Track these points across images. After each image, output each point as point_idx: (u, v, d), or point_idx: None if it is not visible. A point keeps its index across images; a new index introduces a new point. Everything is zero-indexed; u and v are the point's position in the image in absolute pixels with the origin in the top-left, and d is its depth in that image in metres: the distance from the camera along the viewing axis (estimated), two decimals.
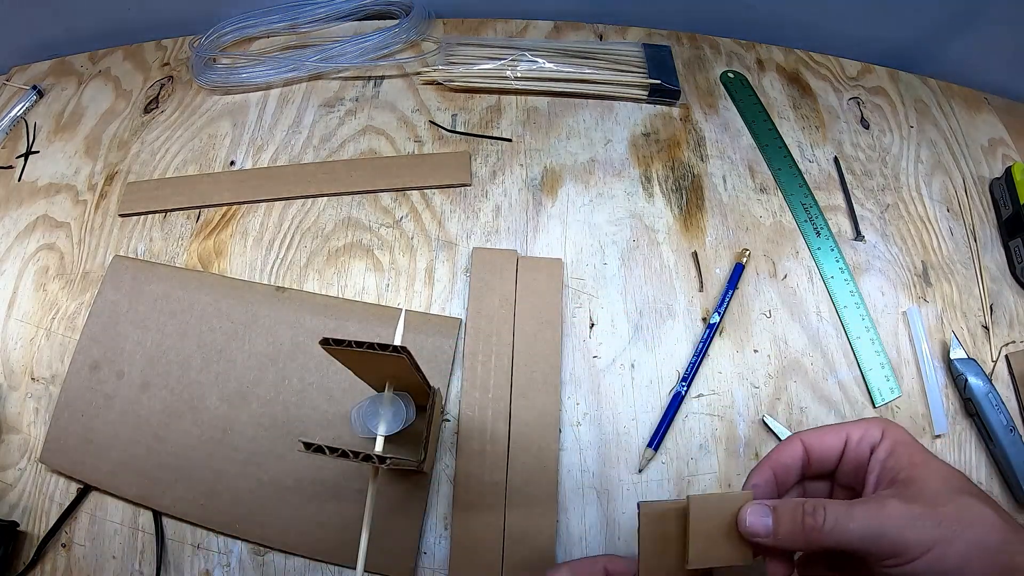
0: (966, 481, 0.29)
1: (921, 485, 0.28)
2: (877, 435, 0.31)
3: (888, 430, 0.31)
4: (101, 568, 0.41)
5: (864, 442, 0.31)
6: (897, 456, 0.30)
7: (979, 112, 0.63)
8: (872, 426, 0.31)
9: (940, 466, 0.29)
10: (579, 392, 0.46)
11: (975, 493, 0.28)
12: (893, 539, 0.26)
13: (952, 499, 0.27)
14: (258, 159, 0.58)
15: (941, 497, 0.27)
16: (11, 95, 0.63)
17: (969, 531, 0.26)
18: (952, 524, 0.26)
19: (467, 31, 0.67)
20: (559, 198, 0.55)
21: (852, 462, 0.31)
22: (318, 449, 0.29)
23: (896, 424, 0.31)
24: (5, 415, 0.46)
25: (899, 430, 0.31)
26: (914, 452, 0.29)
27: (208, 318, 0.48)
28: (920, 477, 0.28)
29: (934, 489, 0.27)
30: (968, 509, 0.27)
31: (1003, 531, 0.26)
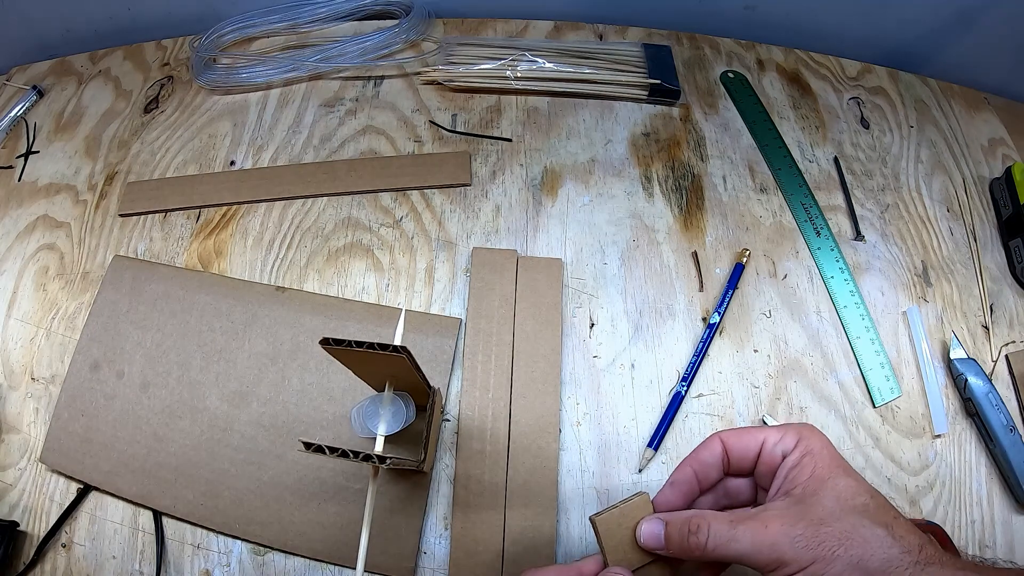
0: (868, 499, 0.29)
1: (813, 502, 0.28)
2: (791, 443, 0.31)
3: (804, 440, 0.31)
4: (101, 568, 0.41)
5: (778, 448, 0.31)
6: (802, 467, 0.30)
7: (979, 112, 0.63)
8: (789, 433, 0.31)
9: (843, 483, 0.29)
10: (579, 392, 0.46)
11: (871, 512, 0.28)
12: (772, 556, 0.27)
13: (841, 519, 0.28)
14: (258, 159, 0.58)
15: (830, 517, 0.28)
16: (11, 95, 0.63)
17: (852, 551, 0.27)
18: (832, 545, 0.27)
19: (467, 31, 0.67)
20: (559, 198, 0.55)
21: (766, 465, 0.32)
22: (318, 449, 0.29)
23: (816, 433, 0.31)
24: (5, 415, 0.46)
25: (816, 440, 0.31)
26: (821, 466, 0.30)
27: (208, 318, 0.48)
28: (816, 493, 0.29)
29: (826, 508, 0.28)
30: (855, 530, 0.27)
31: (889, 550, 0.27)
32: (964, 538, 0.42)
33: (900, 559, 0.27)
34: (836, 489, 0.29)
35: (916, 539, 0.28)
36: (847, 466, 0.31)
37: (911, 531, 0.28)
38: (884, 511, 0.29)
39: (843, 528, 0.27)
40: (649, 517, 0.31)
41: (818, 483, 0.29)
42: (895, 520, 0.28)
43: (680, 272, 0.51)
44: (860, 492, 0.29)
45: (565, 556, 0.41)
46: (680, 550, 0.30)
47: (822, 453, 0.30)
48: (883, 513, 0.28)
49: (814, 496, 0.29)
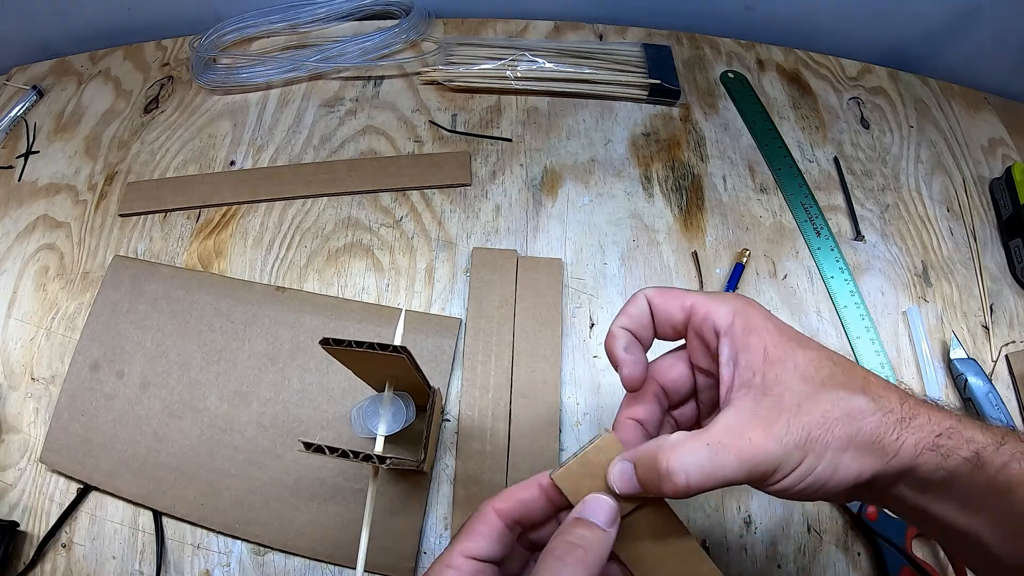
0: (833, 366, 0.26)
1: (780, 389, 0.25)
2: (725, 318, 0.27)
3: (740, 314, 0.27)
4: (101, 568, 0.41)
5: (708, 322, 0.28)
6: (750, 349, 0.26)
7: (979, 112, 0.63)
8: (721, 307, 0.27)
9: (803, 357, 0.26)
10: (579, 392, 0.46)
11: (842, 381, 0.25)
12: (764, 469, 0.24)
13: (817, 398, 0.24)
14: (258, 159, 0.58)
15: (805, 400, 0.24)
16: (11, 95, 0.63)
17: (838, 431, 0.24)
18: (819, 433, 0.24)
19: (467, 31, 0.67)
20: (559, 198, 0.55)
21: (697, 340, 0.28)
22: (318, 449, 0.29)
23: (753, 305, 0.28)
24: (5, 415, 0.46)
25: (755, 313, 0.27)
26: (771, 342, 0.26)
27: (208, 318, 0.48)
28: (778, 378, 0.25)
29: (796, 391, 0.25)
30: (835, 406, 0.24)
31: (873, 416, 0.24)
32: None
33: (885, 421, 0.24)
34: (798, 366, 0.25)
35: (895, 395, 0.25)
36: (798, 335, 0.27)
37: (887, 388, 0.26)
38: (853, 374, 0.26)
39: (824, 409, 0.24)
40: (617, 462, 0.26)
41: (776, 364, 0.25)
42: (867, 381, 0.26)
43: (680, 272, 0.51)
44: (823, 362, 0.26)
45: None
46: (659, 494, 0.25)
47: (766, 326, 0.27)
48: (854, 376, 0.26)
49: (777, 381, 0.25)
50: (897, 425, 0.24)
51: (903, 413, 0.25)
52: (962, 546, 0.25)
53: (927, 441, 0.24)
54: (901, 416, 0.25)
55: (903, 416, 0.25)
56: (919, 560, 0.39)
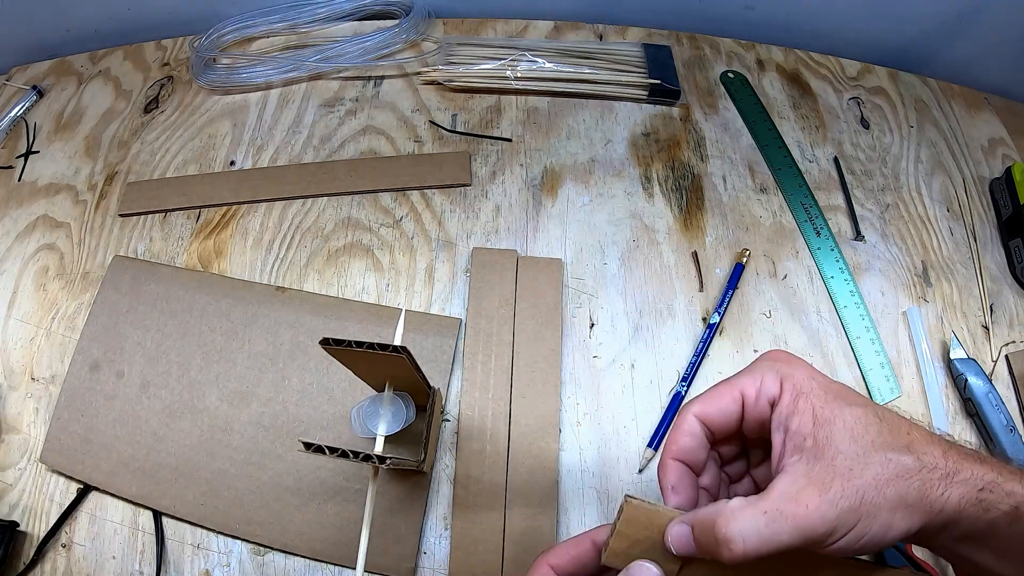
0: (879, 422, 0.26)
1: (832, 452, 0.25)
2: (775, 389, 0.28)
3: (787, 380, 0.27)
4: (101, 568, 0.41)
5: (762, 399, 0.28)
6: (800, 413, 0.26)
7: (979, 112, 0.63)
8: (768, 377, 0.28)
9: (851, 416, 0.26)
10: (579, 392, 0.46)
11: (889, 440, 0.25)
12: (819, 535, 0.24)
13: (867, 461, 0.25)
14: (258, 159, 0.58)
15: (856, 463, 0.25)
16: (11, 95, 0.63)
17: (890, 491, 0.24)
18: (872, 495, 0.24)
19: (467, 31, 0.67)
20: (559, 198, 0.55)
21: (755, 421, 0.29)
22: (318, 449, 0.29)
23: (794, 360, 0.28)
24: (5, 415, 0.46)
25: (799, 372, 0.28)
26: (818, 406, 0.26)
27: (208, 318, 0.48)
28: (829, 439, 0.25)
29: (847, 453, 0.25)
30: (885, 468, 0.25)
31: (920, 474, 0.25)
32: None
33: (931, 479, 0.25)
34: (847, 426, 0.26)
35: (939, 448, 0.26)
36: (841, 388, 0.27)
37: (930, 441, 0.26)
38: (899, 431, 0.26)
39: (875, 472, 0.24)
40: (676, 522, 0.26)
41: (826, 426, 0.26)
42: (912, 437, 0.26)
43: (680, 272, 0.51)
44: (870, 419, 0.26)
45: None
46: (715, 558, 0.25)
47: (811, 386, 0.27)
48: (899, 434, 0.26)
49: (828, 443, 0.25)
50: (942, 481, 0.25)
51: (947, 469, 0.25)
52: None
53: (970, 496, 0.25)
54: (945, 472, 0.25)
55: (947, 472, 0.25)
56: (919, 560, 0.39)
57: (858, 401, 0.27)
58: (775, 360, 0.29)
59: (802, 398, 0.27)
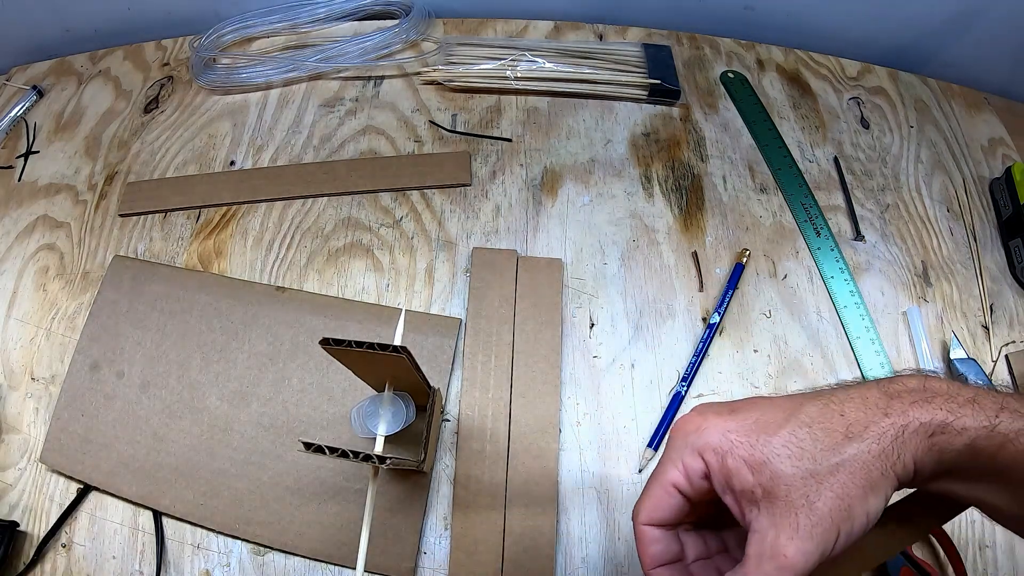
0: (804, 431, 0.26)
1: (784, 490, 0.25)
2: (699, 464, 0.28)
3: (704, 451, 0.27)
4: (101, 568, 0.41)
5: (694, 480, 0.28)
6: (736, 473, 0.26)
7: (979, 112, 0.63)
8: (687, 457, 0.28)
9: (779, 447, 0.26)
10: (579, 392, 0.46)
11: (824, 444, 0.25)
12: (811, 566, 0.24)
13: (820, 481, 0.25)
14: (258, 159, 0.58)
15: (811, 490, 0.25)
16: (11, 95, 0.63)
17: (853, 490, 0.25)
18: (839, 505, 0.25)
19: (467, 31, 0.67)
20: (559, 198, 0.55)
21: (702, 499, 0.29)
22: (318, 449, 0.29)
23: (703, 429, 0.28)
24: (5, 415, 0.46)
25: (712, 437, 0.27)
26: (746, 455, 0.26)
27: (208, 318, 0.48)
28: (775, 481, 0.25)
29: (797, 485, 0.25)
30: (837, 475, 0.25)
31: (872, 456, 0.25)
32: (964, 538, 0.42)
33: (885, 451, 0.25)
34: (782, 456, 0.25)
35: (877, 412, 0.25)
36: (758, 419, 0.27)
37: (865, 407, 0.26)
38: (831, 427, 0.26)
39: (830, 485, 0.25)
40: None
41: (762, 468, 0.26)
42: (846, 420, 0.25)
43: (680, 272, 0.51)
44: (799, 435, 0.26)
45: (565, 556, 0.41)
46: None
47: (729, 441, 0.27)
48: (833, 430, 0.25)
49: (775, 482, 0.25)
50: (894, 447, 0.25)
51: (895, 430, 0.25)
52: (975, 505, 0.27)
53: (923, 446, 0.25)
54: (894, 435, 0.25)
55: (896, 433, 0.25)
56: (919, 560, 0.39)
57: (780, 420, 0.26)
58: (685, 434, 0.28)
59: (728, 457, 0.27)
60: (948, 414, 0.25)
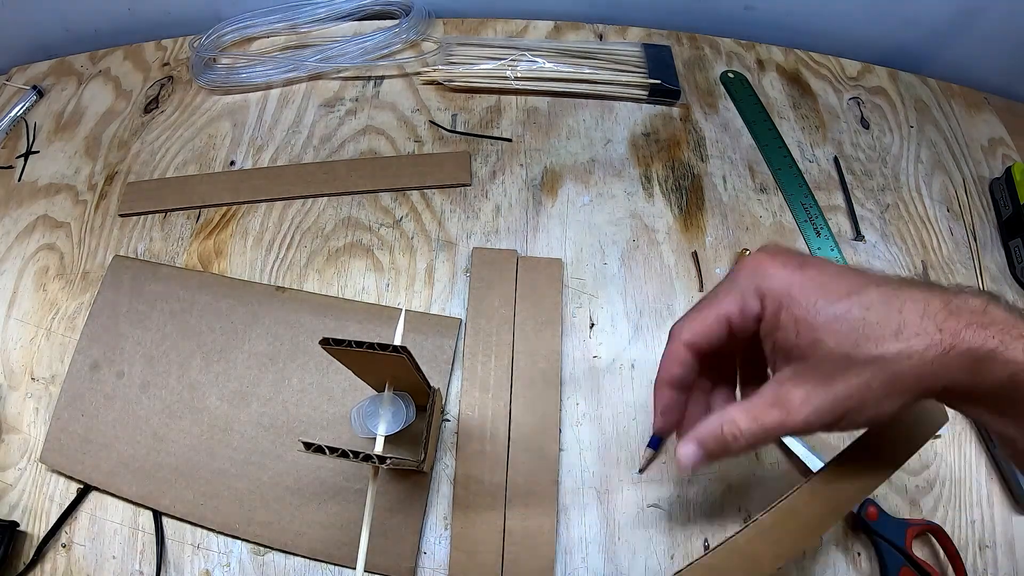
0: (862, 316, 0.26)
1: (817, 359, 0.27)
2: (756, 306, 0.29)
3: (767, 296, 0.28)
4: (101, 568, 0.41)
5: (747, 319, 0.29)
6: (784, 329, 0.27)
7: (979, 112, 0.63)
8: (748, 296, 0.29)
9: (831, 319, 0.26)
10: (579, 392, 0.46)
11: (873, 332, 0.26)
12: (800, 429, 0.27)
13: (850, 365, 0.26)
14: (258, 159, 0.58)
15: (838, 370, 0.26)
16: (11, 95, 0.63)
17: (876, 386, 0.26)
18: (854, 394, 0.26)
19: (467, 31, 0.67)
20: (559, 198, 0.55)
21: (744, 337, 0.30)
22: (318, 449, 0.29)
23: (771, 274, 0.28)
24: (5, 415, 0.46)
25: (777, 285, 0.28)
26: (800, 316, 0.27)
27: (208, 318, 0.48)
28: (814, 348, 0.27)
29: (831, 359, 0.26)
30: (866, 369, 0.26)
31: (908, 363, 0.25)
32: (964, 538, 0.42)
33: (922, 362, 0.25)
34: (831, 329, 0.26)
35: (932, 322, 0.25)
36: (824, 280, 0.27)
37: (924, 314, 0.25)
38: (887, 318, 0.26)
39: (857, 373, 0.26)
40: (682, 443, 0.30)
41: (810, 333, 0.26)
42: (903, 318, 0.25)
43: (680, 272, 0.51)
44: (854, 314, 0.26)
45: (565, 556, 0.41)
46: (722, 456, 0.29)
47: (791, 295, 0.27)
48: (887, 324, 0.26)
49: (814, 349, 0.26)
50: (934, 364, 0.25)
51: (943, 345, 0.25)
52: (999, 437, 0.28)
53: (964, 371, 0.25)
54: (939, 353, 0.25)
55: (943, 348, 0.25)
56: (919, 560, 0.39)
57: (842, 292, 0.27)
58: (753, 272, 0.29)
59: (783, 311, 0.28)
60: (999, 344, 0.24)
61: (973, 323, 0.25)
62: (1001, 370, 0.24)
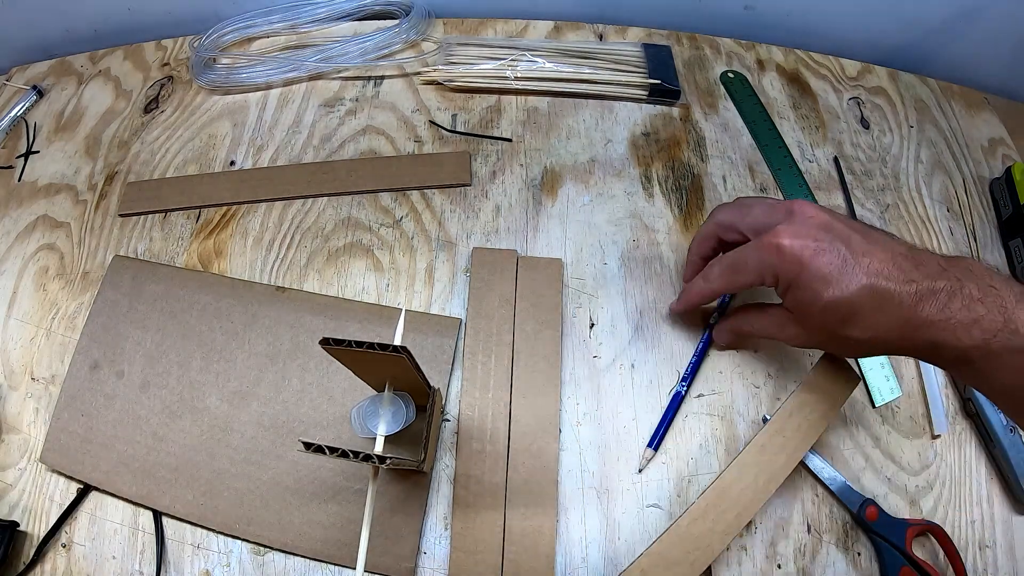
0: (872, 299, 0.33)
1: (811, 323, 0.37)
2: (771, 281, 0.37)
3: (780, 278, 0.36)
4: (101, 568, 0.41)
5: (767, 277, 0.37)
6: (791, 299, 0.37)
7: (979, 112, 0.63)
8: (766, 273, 0.37)
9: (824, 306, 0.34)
10: (579, 392, 0.46)
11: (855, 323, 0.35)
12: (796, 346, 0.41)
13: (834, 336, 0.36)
14: (258, 159, 0.58)
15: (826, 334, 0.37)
16: (11, 95, 0.63)
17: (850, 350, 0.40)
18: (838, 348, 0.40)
19: (467, 31, 0.67)
20: (559, 198, 0.55)
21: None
22: (318, 449, 0.29)
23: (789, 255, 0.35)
24: (5, 415, 0.46)
25: (788, 273, 0.35)
26: (802, 298, 0.36)
27: (208, 318, 0.48)
28: (809, 318, 0.36)
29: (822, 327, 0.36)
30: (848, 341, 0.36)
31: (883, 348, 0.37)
32: (964, 538, 0.42)
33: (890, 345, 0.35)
34: (824, 313, 0.35)
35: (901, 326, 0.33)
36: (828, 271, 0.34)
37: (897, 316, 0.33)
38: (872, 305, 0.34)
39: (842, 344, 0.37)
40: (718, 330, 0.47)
41: (809, 311, 0.36)
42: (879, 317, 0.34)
43: (680, 272, 0.51)
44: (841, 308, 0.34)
45: (565, 556, 0.41)
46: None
47: (798, 281, 0.35)
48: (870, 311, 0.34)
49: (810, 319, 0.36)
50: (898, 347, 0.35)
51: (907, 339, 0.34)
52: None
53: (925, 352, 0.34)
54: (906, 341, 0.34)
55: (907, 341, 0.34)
56: (919, 560, 0.39)
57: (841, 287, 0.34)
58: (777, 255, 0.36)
59: (791, 291, 0.37)
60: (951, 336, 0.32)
61: (938, 322, 0.32)
62: (951, 354, 0.32)
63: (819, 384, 0.41)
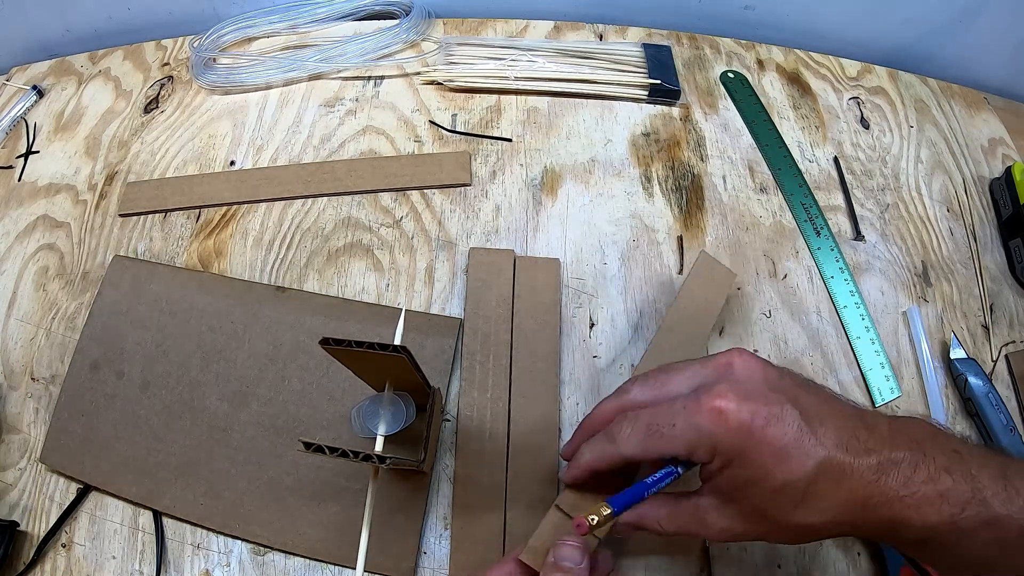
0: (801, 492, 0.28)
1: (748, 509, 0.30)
2: (706, 457, 0.29)
3: (719, 451, 0.28)
4: (101, 568, 0.41)
5: (691, 458, 0.30)
6: (728, 478, 0.29)
7: (979, 112, 0.63)
8: (701, 447, 0.29)
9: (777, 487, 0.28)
10: (579, 392, 0.46)
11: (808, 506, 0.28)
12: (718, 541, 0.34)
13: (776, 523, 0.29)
14: (258, 159, 0.58)
15: (766, 522, 0.29)
16: (11, 95, 0.63)
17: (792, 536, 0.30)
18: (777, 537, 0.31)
19: (467, 31, 0.67)
20: (559, 198, 0.55)
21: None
22: (318, 449, 0.29)
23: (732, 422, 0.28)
24: (5, 415, 0.46)
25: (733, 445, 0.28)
26: (751, 475, 0.28)
27: (208, 318, 0.48)
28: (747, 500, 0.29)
29: (763, 514, 0.29)
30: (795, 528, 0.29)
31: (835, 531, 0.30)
32: None
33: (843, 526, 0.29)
34: (775, 497, 0.28)
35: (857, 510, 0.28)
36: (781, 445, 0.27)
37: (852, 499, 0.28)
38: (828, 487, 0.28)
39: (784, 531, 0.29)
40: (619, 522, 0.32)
41: (752, 492, 0.29)
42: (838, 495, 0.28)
43: (680, 272, 0.51)
44: (797, 486, 0.28)
45: None
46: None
47: (745, 455, 0.28)
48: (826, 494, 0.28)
49: (749, 502, 0.29)
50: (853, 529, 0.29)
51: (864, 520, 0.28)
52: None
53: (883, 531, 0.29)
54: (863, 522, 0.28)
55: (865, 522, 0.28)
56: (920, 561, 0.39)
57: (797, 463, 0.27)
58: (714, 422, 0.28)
59: (734, 466, 0.29)
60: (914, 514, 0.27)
61: (903, 498, 0.27)
62: (913, 534, 0.27)
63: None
